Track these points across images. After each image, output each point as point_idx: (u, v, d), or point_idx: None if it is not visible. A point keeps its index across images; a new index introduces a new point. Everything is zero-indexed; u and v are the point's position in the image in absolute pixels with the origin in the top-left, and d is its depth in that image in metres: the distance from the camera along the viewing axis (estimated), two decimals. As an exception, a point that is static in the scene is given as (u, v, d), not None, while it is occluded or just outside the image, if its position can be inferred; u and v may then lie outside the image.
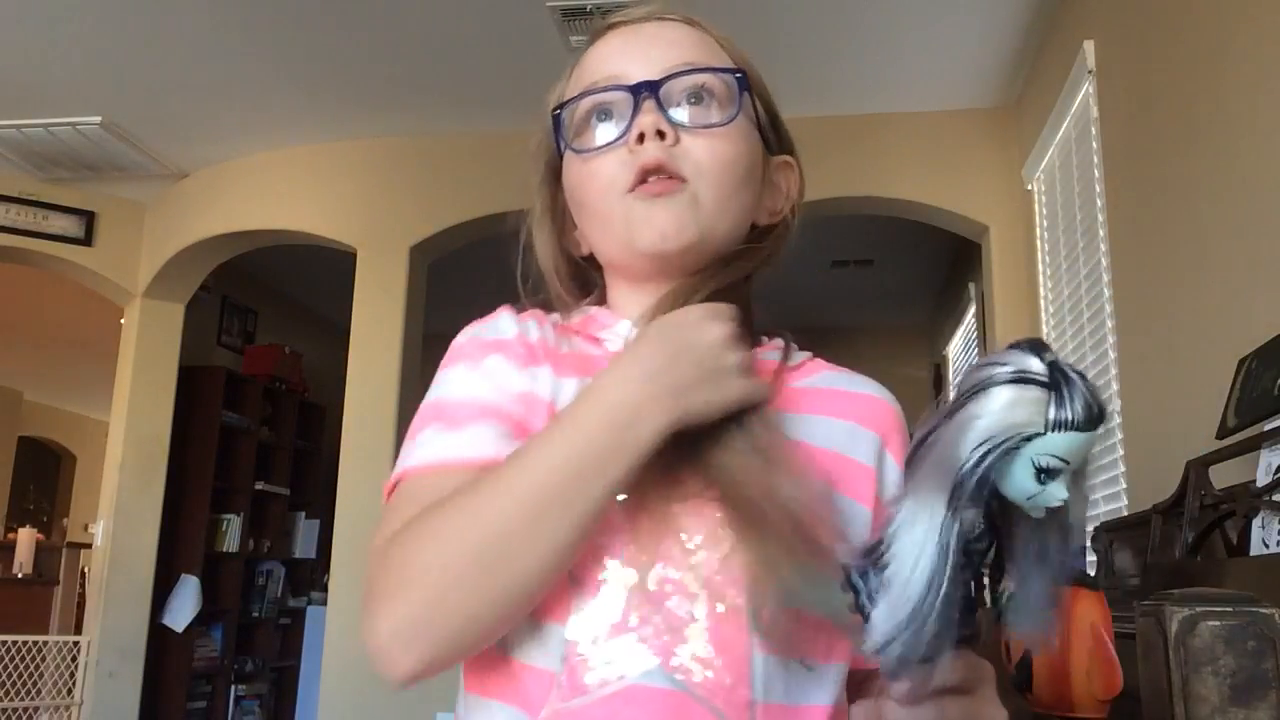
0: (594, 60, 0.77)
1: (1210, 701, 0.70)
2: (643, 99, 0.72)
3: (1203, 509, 1.60)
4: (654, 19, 0.78)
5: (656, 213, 0.71)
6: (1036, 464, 0.47)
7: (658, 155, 0.71)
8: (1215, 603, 0.72)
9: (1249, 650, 0.70)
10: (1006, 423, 0.47)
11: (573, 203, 0.78)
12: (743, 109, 0.75)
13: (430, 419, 0.69)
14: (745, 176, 0.75)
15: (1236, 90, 1.86)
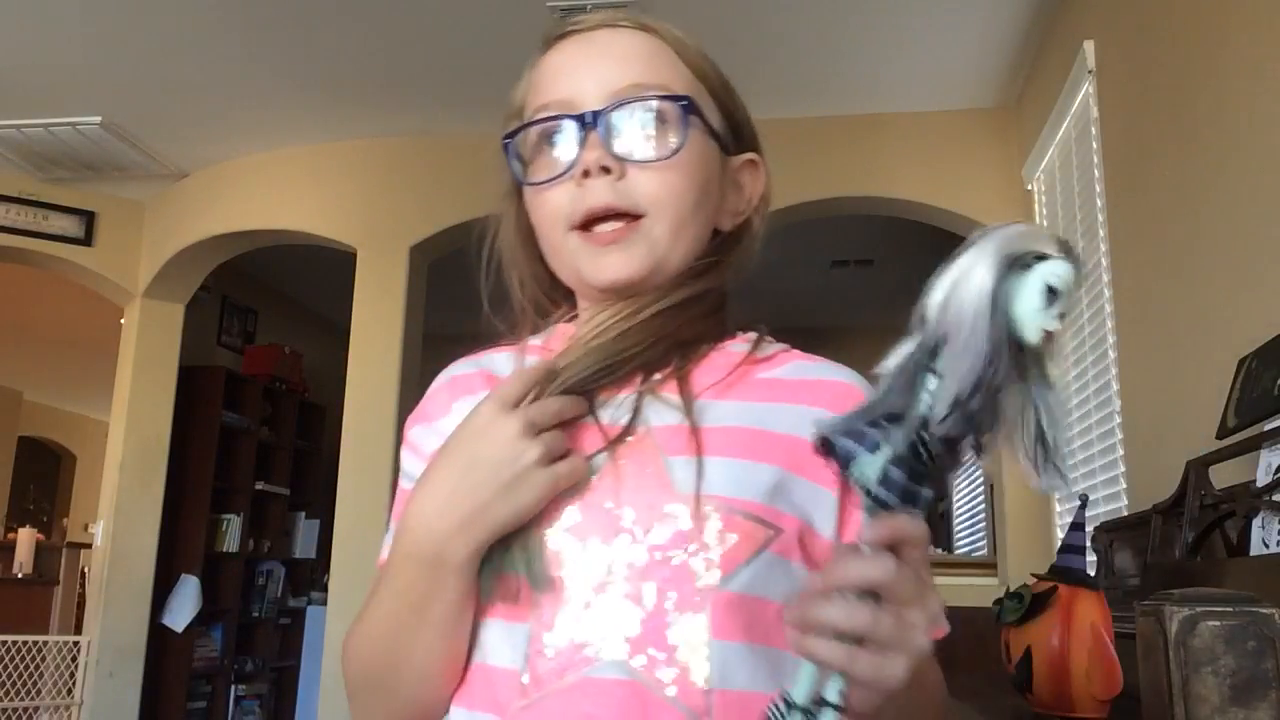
0: (545, 75, 0.77)
1: (1210, 701, 0.70)
2: (588, 131, 0.72)
3: (1203, 509, 1.60)
4: (607, 26, 0.77)
5: (605, 259, 0.73)
6: (1047, 282, 0.52)
7: (605, 196, 0.72)
8: (1215, 603, 0.72)
9: (1249, 650, 0.70)
10: (1024, 245, 0.52)
11: (534, 226, 0.79)
12: (692, 131, 0.74)
13: (396, 512, 0.75)
14: (699, 200, 0.75)
15: (1236, 90, 1.86)
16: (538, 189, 0.75)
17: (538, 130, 0.75)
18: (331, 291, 5.13)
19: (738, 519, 0.65)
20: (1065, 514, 3.04)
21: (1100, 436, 2.66)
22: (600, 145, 0.72)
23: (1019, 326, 0.52)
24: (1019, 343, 0.53)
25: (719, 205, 0.78)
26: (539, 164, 0.76)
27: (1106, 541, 2.12)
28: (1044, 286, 0.52)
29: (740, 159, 0.81)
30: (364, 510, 3.89)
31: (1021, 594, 1.41)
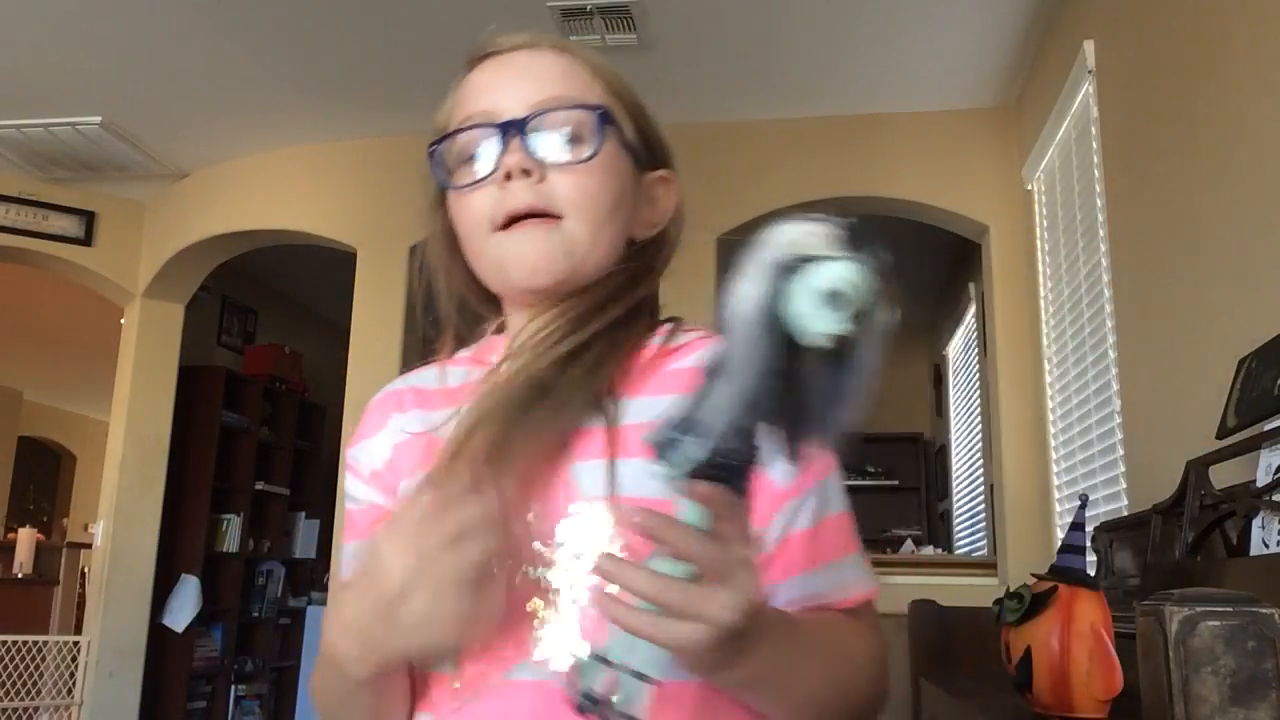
0: (469, 92, 0.82)
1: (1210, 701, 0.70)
2: (510, 137, 0.77)
3: (1203, 509, 1.60)
4: (526, 48, 0.83)
5: (526, 250, 0.77)
6: (817, 287, 0.50)
7: (526, 198, 0.76)
8: (1215, 603, 0.72)
9: (1249, 650, 0.70)
10: (799, 247, 0.51)
11: (458, 233, 0.83)
12: (607, 139, 0.78)
13: (345, 534, 0.84)
14: (614, 204, 0.79)
15: (1236, 90, 1.86)
16: (462, 193, 0.79)
17: (461, 140, 0.80)
18: (331, 291, 5.13)
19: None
20: (1065, 514, 3.04)
21: (1100, 436, 2.66)
22: (521, 149, 0.76)
23: (797, 332, 0.51)
24: (800, 346, 0.51)
25: (633, 216, 0.82)
26: (462, 172, 0.80)
27: (1106, 541, 2.12)
28: (817, 290, 0.50)
29: (654, 174, 0.85)
30: (364, 510, 3.88)
31: (1021, 594, 1.41)
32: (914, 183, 3.77)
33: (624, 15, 3.18)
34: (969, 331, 4.79)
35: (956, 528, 5.43)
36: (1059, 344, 3.13)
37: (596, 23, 3.23)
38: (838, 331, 0.51)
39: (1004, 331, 3.58)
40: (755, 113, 3.89)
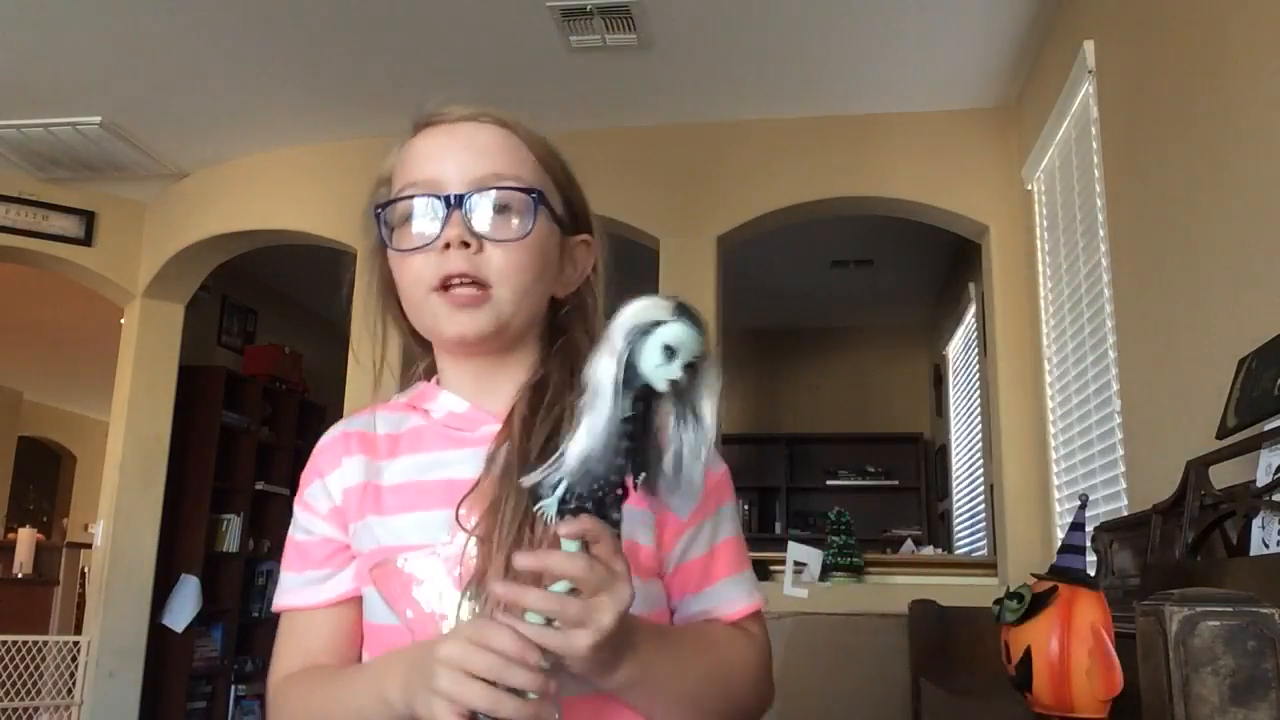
0: (414, 158, 0.90)
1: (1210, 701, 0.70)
2: (452, 211, 0.85)
3: (1203, 509, 1.60)
4: (470, 121, 0.91)
5: (459, 316, 0.86)
6: (664, 342, 0.64)
7: (461, 265, 0.84)
8: (1215, 603, 0.72)
9: (1249, 650, 0.70)
10: (642, 316, 0.65)
11: (397, 286, 0.91)
12: (539, 217, 0.87)
13: (286, 561, 0.93)
14: (540, 273, 0.88)
15: (1236, 90, 1.86)
16: (404, 255, 0.87)
17: (405, 205, 0.88)
18: (331, 291, 5.12)
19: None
20: (1065, 514, 3.04)
21: (1100, 436, 2.66)
22: (461, 223, 0.85)
23: (647, 380, 0.65)
24: (651, 393, 0.65)
25: (556, 278, 0.92)
26: (403, 232, 0.88)
27: (1106, 541, 2.12)
28: (661, 345, 0.64)
29: (577, 239, 0.94)
30: (364, 510, 3.88)
31: (1021, 594, 1.41)
32: (914, 183, 3.77)
33: (624, 15, 3.18)
34: (969, 331, 4.79)
35: (956, 528, 5.43)
36: (1059, 344, 3.13)
37: (596, 23, 3.23)
38: (676, 377, 0.64)
39: (1004, 331, 3.58)
40: (755, 113, 3.88)
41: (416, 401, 0.94)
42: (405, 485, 0.87)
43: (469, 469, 0.83)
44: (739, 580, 0.88)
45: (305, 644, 0.90)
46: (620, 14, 3.18)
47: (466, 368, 0.92)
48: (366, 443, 0.91)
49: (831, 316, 6.60)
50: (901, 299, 6.21)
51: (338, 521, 0.89)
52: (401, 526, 0.84)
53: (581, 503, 0.66)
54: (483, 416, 0.89)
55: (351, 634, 0.89)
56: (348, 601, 0.89)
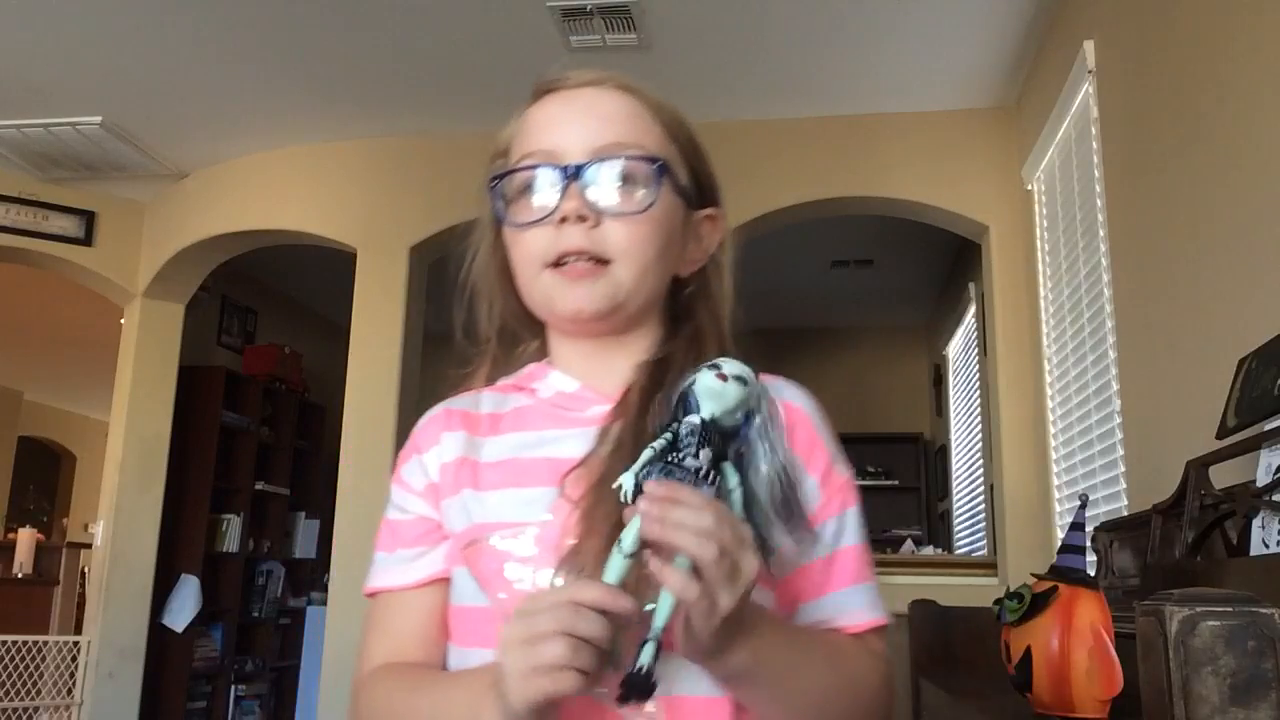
0: (532, 126, 0.85)
1: (1210, 701, 0.70)
2: (569, 183, 0.80)
3: (1203, 509, 1.60)
4: (591, 86, 0.85)
5: (573, 291, 0.81)
6: (718, 372, 0.68)
7: (579, 241, 0.79)
8: (1215, 603, 0.72)
9: (1249, 650, 0.70)
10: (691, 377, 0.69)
11: (511, 263, 0.86)
12: (663, 189, 0.81)
13: (379, 541, 0.87)
14: (662, 249, 0.83)
15: (1236, 90, 1.86)
16: (518, 229, 0.83)
17: (522, 176, 0.83)
18: (331, 291, 5.13)
19: None
20: (1065, 514, 3.04)
21: (1100, 436, 2.66)
22: (579, 196, 0.79)
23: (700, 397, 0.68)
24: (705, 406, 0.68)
25: (680, 255, 0.86)
26: (520, 206, 0.83)
27: (1106, 541, 2.12)
28: (715, 375, 0.68)
29: (703, 214, 0.88)
30: (364, 510, 3.89)
31: (1021, 594, 1.41)
32: (914, 183, 3.77)
33: (624, 15, 3.18)
34: (969, 331, 4.79)
35: (956, 528, 5.43)
36: (1059, 344, 3.13)
37: (596, 23, 3.23)
38: (739, 394, 0.68)
39: (1004, 331, 3.58)
40: (755, 113, 3.88)
41: (524, 382, 0.87)
42: (505, 462, 0.81)
43: (575, 448, 0.77)
44: (863, 590, 0.82)
45: (393, 630, 0.84)
46: (620, 14, 3.18)
47: (580, 347, 0.86)
48: (468, 420, 0.85)
49: (831, 316, 6.60)
50: (901, 299, 6.21)
51: (432, 499, 0.84)
52: (499, 503, 0.79)
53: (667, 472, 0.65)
54: (593, 397, 0.83)
55: (441, 619, 0.83)
56: (438, 583, 0.83)
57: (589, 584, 0.63)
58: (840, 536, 0.82)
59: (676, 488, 0.63)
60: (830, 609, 0.80)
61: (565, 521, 0.73)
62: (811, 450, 0.82)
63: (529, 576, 0.74)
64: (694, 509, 0.62)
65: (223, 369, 5.24)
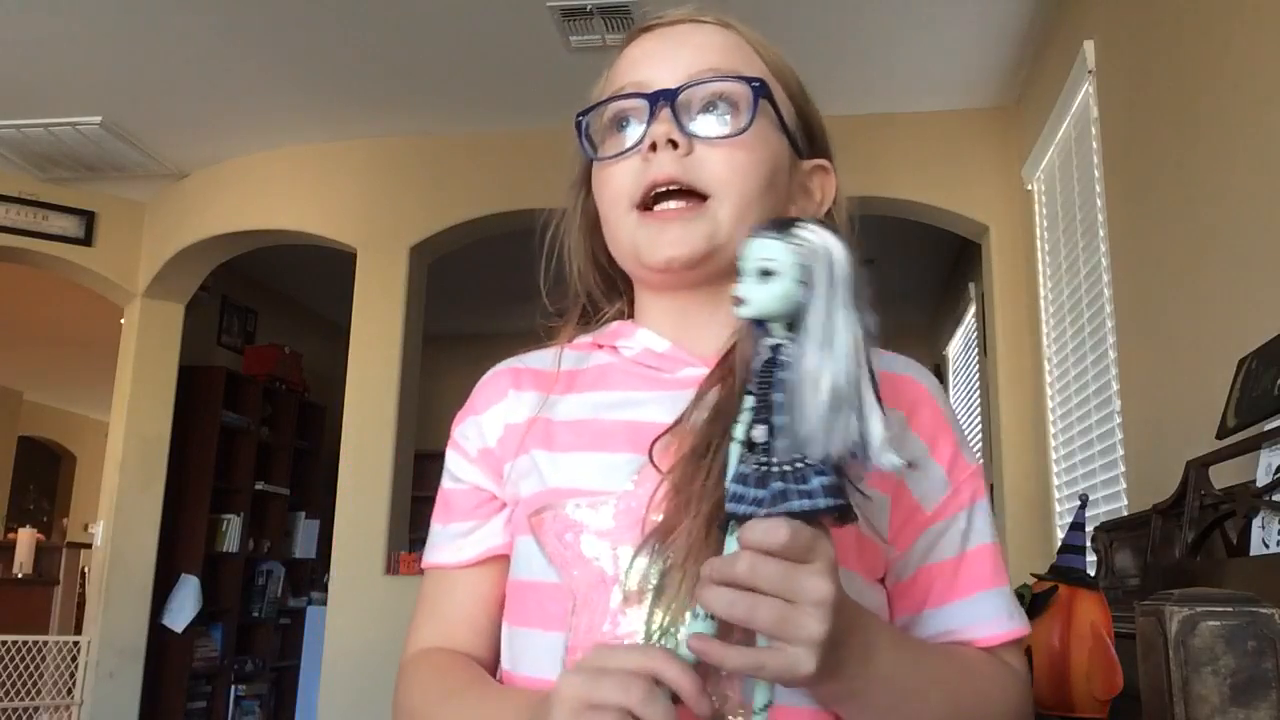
0: (624, 64, 0.78)
1: (1210, 701, 0.70)
2: (659, 107, 0.72)
3: (1203, 509, 1.60)
4: (688, 21, 0.78)
5: (664, 235, 0.72)
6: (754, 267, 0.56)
7: (670, 169, 0.71)
8: (1215, 603, 0.72)
9: (1249, 650, 0.70)
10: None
11: (599, 208, 0.78)
12: (762, 115, 0.74)
13: (435, 513, 0.81)
14: (766, 184, 0.74)
15: (1236, 90, 1.86)
16: (605, 165, 0.75)
17: (611, 109, 0.76)
18: (331, 291, 5.13)
19: None
20: (1065, 514, 3.04)
21: (1100, 436, 2.66)
22: (669, 120, 0.72)
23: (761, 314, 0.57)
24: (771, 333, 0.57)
25: (785, 204, 0.77)
26: (608, 142, 0.76)
27: (1106, 541, 2.12)
28: (754, 271, 0.56)
29: (812, 163, 0.80)
30: (364, 510, 3.89)
31: (1021, 594, 1.41)
32: (914, 183, 3.77)
33: (624, 15, 3.18)
34: (969, 331, 4.79)
35: (956, 528, 5.42)
36: (1059, 344, 3.12)
37: (596, 23, 3.23)
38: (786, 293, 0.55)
39: (1004, 331, 3.58)
40: (755, 113, 3.88)
41: (607, 340, 0.78)
42: (584, 422, 0.72)
43: (662, 413, 0.68)
44: (998, 596, 0.71)
45: (441, 612, 0.78)
46: (620, 14, 3.18)
47: (671, 304, 0.76)
48: (540, 378, 0.77)
49: (831, 316, 6.58)
50: (901, 299, 6.21)
51: (488, 466, 0.76)
52: (575, 466, 0.70)
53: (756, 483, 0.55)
54: (686, 358, 0.73)
55: (492, 603, 0.76)
56: (492, 561, 0.76)
57: (670, 660, 0.55)
58: (970, 534, 0.72)
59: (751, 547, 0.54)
60: (961, 618, 0.70)
61: (652, 494, 0.65)
62: (936, 434, 0.73)
63: (607, 553, 0.66)
64: (719, 567, 0.54)
65: (223, 369, 5.24)
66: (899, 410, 0.72)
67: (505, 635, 0.74)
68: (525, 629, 0.71)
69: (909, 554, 0.71)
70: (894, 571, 0.72)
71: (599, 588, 0.66)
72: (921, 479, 0.72)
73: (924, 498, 0.71)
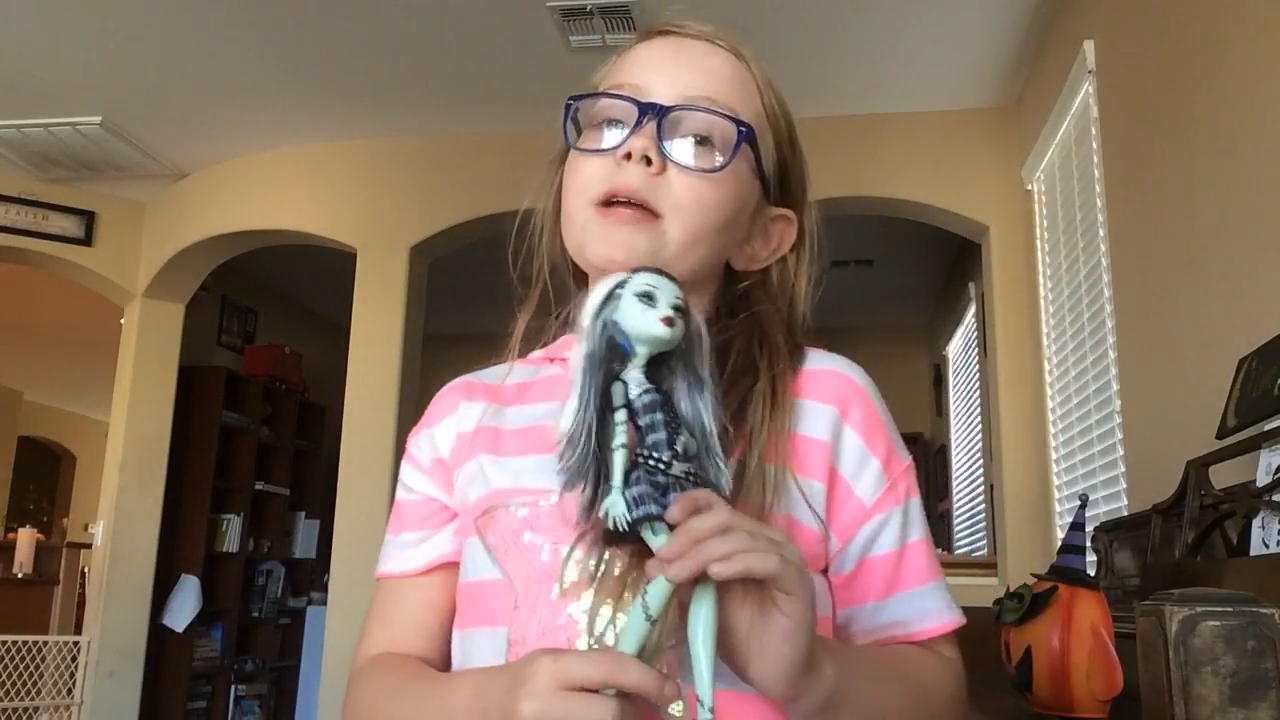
0: (630, 60, 0.79)
1: (1210, 701, 0.70)
2: (645, 120, 0.73)
3: (1203, 509, 1.60)
4: (704, 40, 0.79)
5: (613, 234, 0.73)
6: (636, 293, 0.58)
7: (634, 182, 0.72)
8: (1215, 603, 0.72)
9: (1249, 650, 0.70)
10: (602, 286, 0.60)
11: (562, 192, 0.79)
12: (741, 158, 0.75)
13: (389, 525, 0.82)
14: (723, 223, 0.75)
15: (1236, 90, 1.86)
16: (580, 155, 0.77)
17: (601, 105, 0.77)
18: (331, 291, 5.13)
19: None
20: (1065, 514, 3.04)
21: (1100, 436, 2.66)
22: (651, 137, 0.73)
23: (639, 335, 0.58)
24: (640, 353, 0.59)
25: (740, 243, 0.79)
26: (591, 135, 0.77)
27: (1106, 541, 2.12)
28: (635, 295, 0.59)
29: (778, 210, 0.82)
30: (364, 510, 3.89)
31: (1021, 594, 1.41)
32: (914, 183, 3.77)
33: (624, 15, 3.18)
34: (969, 331, 4.79)
35: (956, 528, 5.42)
36: (1059, 344, 3.12)
37: (596, 23, 3.23)
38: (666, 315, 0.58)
39: (1004, 331, 3.58)
40: (755, 113, 3.88)
41: (556, 353, 0.81)
42: (530, 429, 0.75)
43: None
44: (936, 590, 0.75)
45: (392, 618, 0.80)
46: (620, 14, 3.18)
47: None
48: (491, 391, 0.80)
49: (831, 316, 6.59)
50: (901, 299, 6.21)
51: (439, 476, 0.79)
52: (520, 468, 0.73)
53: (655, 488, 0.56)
54: None
55: (442, 609, 0.78)
56: (441, 569, 0.78)
57: (629, 663, 0.55)
58: (908, 528, 0.74)
59: (691, 502, 0.56)
60: (907, 609, 0.73)
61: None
62: (872, 431, 0.75)
63: (547, 548, 0.68)
64: (718, 525, 0.55)
65: (223, 369, 5.24)
66: (831, 406, 0.75)
67: (455, 640, 0.75)
68: (473, 629, 0.73)
69: (849, 546, 0.73)
70: (835, 564, 0.73)
71: (540, 581, 0.67)
72: (860, 472, 0.74)
73: (863, 491, 0.73)
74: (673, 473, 0.57)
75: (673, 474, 0.57)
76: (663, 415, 0.58)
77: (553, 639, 0.65)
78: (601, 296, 0.59)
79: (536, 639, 0.66)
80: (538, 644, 0.65)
